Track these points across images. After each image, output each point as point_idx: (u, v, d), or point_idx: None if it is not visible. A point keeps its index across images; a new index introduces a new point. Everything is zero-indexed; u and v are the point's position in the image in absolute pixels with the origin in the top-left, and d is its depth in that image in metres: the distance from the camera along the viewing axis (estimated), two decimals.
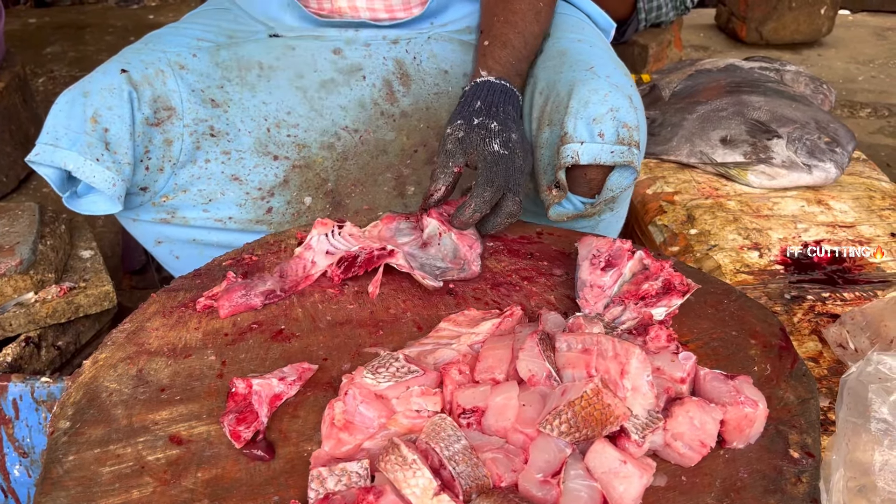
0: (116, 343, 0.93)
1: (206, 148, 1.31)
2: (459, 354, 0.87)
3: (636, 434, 0.75)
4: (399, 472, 0.70)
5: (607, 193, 1.17)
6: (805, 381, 0.88)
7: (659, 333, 0.86)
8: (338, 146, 1.38)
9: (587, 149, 1.12)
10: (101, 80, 1.22)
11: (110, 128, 1.18)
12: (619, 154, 1.12)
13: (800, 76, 2.00)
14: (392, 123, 1.41)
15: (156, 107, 1.26)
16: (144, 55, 1.29)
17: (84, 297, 1.42)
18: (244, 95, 1.35)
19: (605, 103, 1.13)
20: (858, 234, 1.50)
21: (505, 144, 1.10)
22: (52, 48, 3.95)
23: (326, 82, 1.38)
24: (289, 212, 1.35)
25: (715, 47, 4.20)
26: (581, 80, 1.17)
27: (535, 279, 1.07)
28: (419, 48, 1.43)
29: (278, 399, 0.84)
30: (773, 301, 1.31)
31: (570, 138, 1.13)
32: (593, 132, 1.12)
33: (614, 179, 1.16)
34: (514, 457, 0.74)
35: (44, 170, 1.16)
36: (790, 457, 0.79)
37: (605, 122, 1.12)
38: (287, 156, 1.35)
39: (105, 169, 1.16)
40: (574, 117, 1.13)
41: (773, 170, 1.65)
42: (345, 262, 1.04)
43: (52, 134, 1.16)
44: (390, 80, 1.41)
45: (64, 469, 0.76)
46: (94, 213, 1.21)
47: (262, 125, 1.34)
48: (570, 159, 1.12)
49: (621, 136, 1.12)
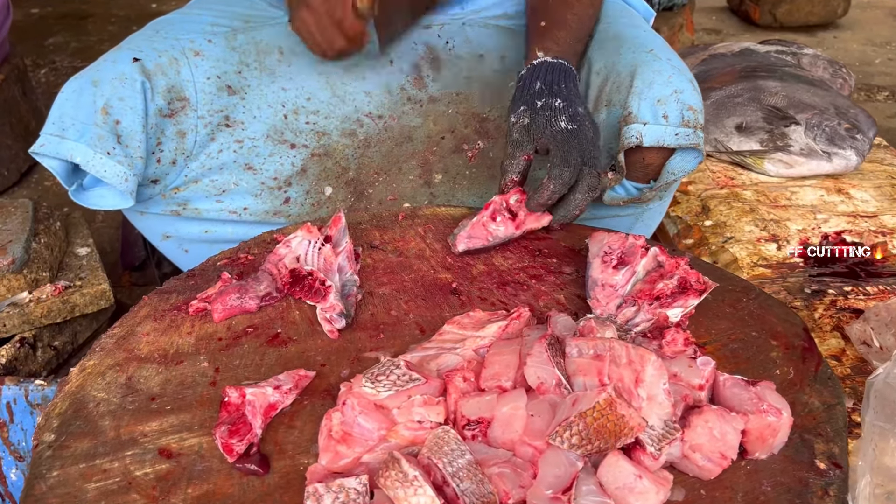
0: (105, 349, 0.89)
1: (221, 138, 1.27)
2: (464, 360, 0.83)
3: (652, 446, 0.70)
4: (399, 490, 0.66)
5: (668, 177, 1.15)
6: (831, 386, 0.84)
7: (675, 337, 0.81)
8: (360, 133, 1.33)
9: (651, 130, 1.10)
10: (112, 68, 1.16)
11: (122, 120, 1.14)
12: (683, 137, 1.10)
13: (818, 60, 1.93)
14: (419, 109, 1.35)
15: (170, 97, 1.21)
16: (157, 43, 1.23)
17: (80, 296, 1.38)
18: (263, 81, 1.29)
19: (669, 85, 1.11)
20: (881, 224, 1.44)
21: (573, 119, 1.05)
22: (54, 39, 3.91)
23: (351, 67, 1.33)
24: (308, 202, 1.31)
25: (727, 30, 4.12)
26: (643, 62, 1.15)
27: (543, 277, 1.02)
28: (453, 33, 1.38)
29: (273, 409, 0.79)
30: (792, 296, 1.26)
31: (633, 118, 1.11)
32: (657, 114, 1.10)
33: (676, 163, 1.14)
34: (521, 471, 0.70)
35: (49, 161, 1.12)
36: (816, 468, 0.74)
37: (670, 103, 1.10)
38: (305, 144, 1.30)
39: (116, 163, 1.11)
40: (638, 97, 1.11)
41: (791, 158, 1.59)
42: (294, 277, 0.98)
43: (58, 124, 1.11)
44: (420, 65, 1.35)
45: (47, 485, 0.72)
46: (103, 207, 1.16)
47: (279, 112, 1.29)
48: (634, 139, 1.10)
49: (686, 118, 1.10)
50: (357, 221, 1.16)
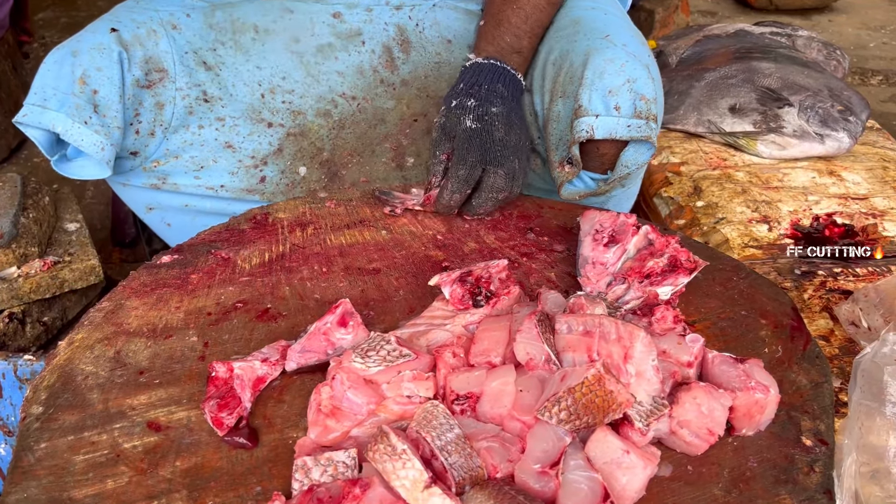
0: (94, 323, 0.88)
1: (200, 114, 1.27)
2: (454, 336, 0.83)
3: (640, 422, 0.70)
4: (388, 463, 0.66)
5: (622, 170, 1.11)
6: (818, 364, 0.84)
7: (665, 314, 0.81)
8: (334, 113, 1.33)
9: (602, 122, 1.07)
10: (90, 39, 1.17)
11: (99, 90, 1.14)
12: (635, 128, 1.07)
13: (812, 42, 1.93)
14: (391, 92, 1.35)
15: (147, 68, 1.22)
16: (136, 14, 1.24)
17: (69, 271, 1.37)
18: (237, 59, 1.30)
19: (621, 74, 1.08)
20: (872, 206, 1.44)
21: (479, 119, 1.07)
22: (43, 14, 3.87)
23: (323, 47, 1.33)
24: (283, 182, 1.30)
25: (723, 12, 4.10)
26: (596, 49, 1.11)
27: (534, 255, 1.02)
28: (423, 15, 1.37)
29: (262, 382, 0.79)
30: (782, 277, 1.26)
31: (584, 111, 1.08)
32: (609, 105, 1.07)
33: (629, 155, 1.10)
34: (510, 446, 0.70)
35: (32, 131, 1.13)
36: (802, 444, 0.75)
37: (622, 94, 1.07)
38: (282, 123, 1.30)
39: (94, 133, 1.12)
40: (589, 89, 1.08)
41: (784, 139, 1.58)
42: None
43: (39, 94, 1.12)
44: (390, 47, 1.35)
45: (35, 457, 0.72)
46: (83, 177, 1.18)
47: (256, 91, 1.30)
48: (585, 133, 1.07)
49: (638, 109, 1.07)
50: (348, 198, 1.15)
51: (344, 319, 0.83)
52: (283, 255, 1.01)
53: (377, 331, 0.83)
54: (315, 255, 1.01)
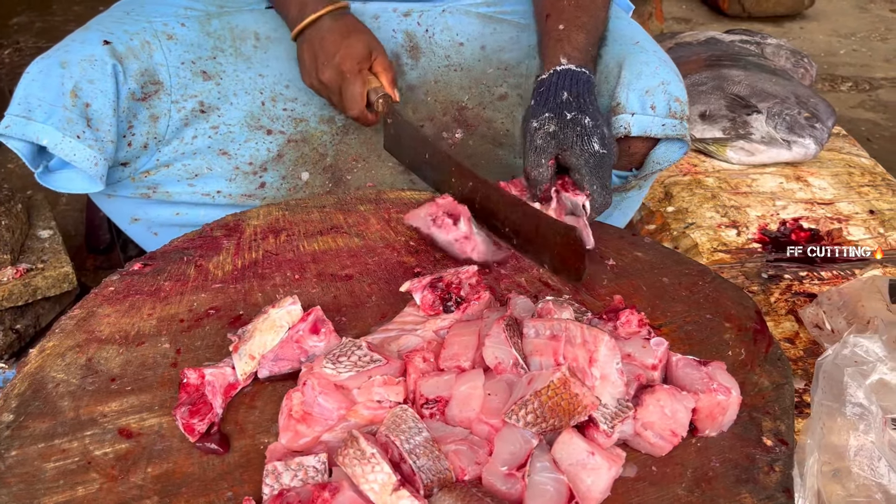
0: (65, 331, 0.88)
1: (195, 124, 1.25)
2: (424, 341, 0.84)
3: (605, 424, 0.72)
4: (357, 467, 0.67)
5: (653, 167, 1.17)
6: (780, 366, 0.86)
7: (630, 318, 0.83)
8: (338, 120, 1.32)
9: (638, 120, 1.12)
10: (81, 49, 1.13)
11: (92, 103, 1.11)
12: (670, 127, 1.13)
13: (780, 49, 1.96)
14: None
15: (143, 81, 1.19)
16: (128, 25, 1.21)
17: (42, 278, 1.37)
18: (239, 67, 1.28)
19: (656, 76, 1.13)
20: (837, 210, 1.47)
21: (602, 142, 1.04)
22: (18, 18, 3.83)
23: None
24: (284, 187, 1.30)
25: (697, 19, 4.15)
26: (630, 53, 1.17)
27: (504, 261, 1.03)
28: (432, 21, 1.36)
29: (233, 388, 0.80)
30: (750, 280, 1.29)
31: (621, 109, 1.13)
32: (645, 104, 1.12)
33: (661, 153, 1.16)
34: (478, 448, 0.71)
35: (14, 143, 1.09)
36: (763, 444, 0.77)
37: (657, 94, 1.12)
38: (282, 130, 1.30)
39: (87, 147, 1.09)
40: (626, 88, 1.13)
41: (753, 146, 1.62)
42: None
43: (24, 105, 1.08)
44: (399, 53, 1.35)
45: (6, 465, 0.72)
46: (71, 191, 1.14)
47: (257, 98, 1.29)
48: (623, 130, 1.12)
49: (672, 109, 1.13)
50: (321, 205, 1.16)
51: (316, 326, 0.84)
52: (255, 261, 1.02)
53: (349, 336, 0.84)
54: (288, 261, 1.02)
